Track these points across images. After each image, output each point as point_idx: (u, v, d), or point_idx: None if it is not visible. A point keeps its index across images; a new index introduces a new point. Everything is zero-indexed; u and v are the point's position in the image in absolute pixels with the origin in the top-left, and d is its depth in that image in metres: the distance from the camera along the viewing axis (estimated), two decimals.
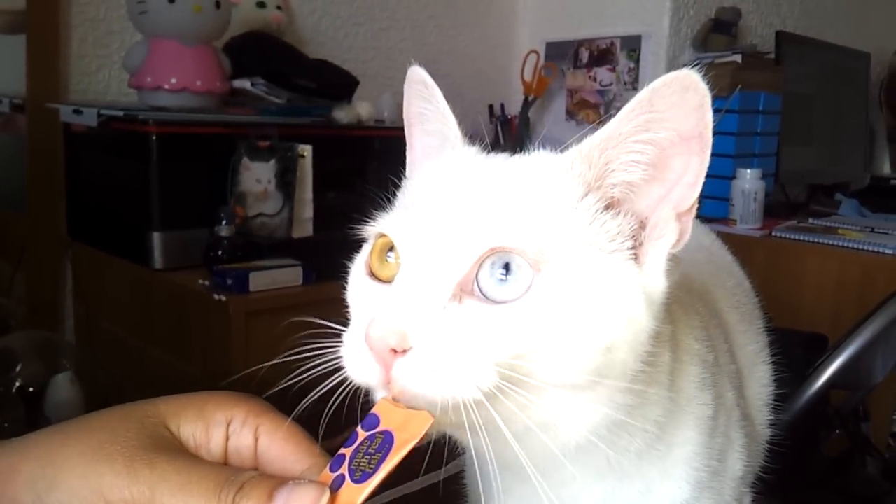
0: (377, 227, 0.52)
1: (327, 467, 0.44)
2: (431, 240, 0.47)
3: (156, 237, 1.55)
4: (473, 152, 0.56)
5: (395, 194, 0.58)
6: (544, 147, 0.54)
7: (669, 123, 0.47)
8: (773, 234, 2.19)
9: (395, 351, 0.44)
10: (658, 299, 0.50)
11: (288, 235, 1.60)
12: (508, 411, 0.44)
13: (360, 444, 0.44)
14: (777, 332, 0.82)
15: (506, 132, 2.72)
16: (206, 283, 1.47)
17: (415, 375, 0.44)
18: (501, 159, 0.54)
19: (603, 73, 2.66)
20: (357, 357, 0.46)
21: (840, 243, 2.06)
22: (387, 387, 0.45)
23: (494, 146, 1.99)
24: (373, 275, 0.52)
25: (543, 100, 2.79)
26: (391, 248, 0.50)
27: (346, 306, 0.54)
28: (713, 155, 1.87)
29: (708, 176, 1.89)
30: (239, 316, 1.41)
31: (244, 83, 1.79)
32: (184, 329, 1.53)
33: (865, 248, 2.01)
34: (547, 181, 0.50)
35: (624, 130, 0.48)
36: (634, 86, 2.58)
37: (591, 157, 0.49)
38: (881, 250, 1.98)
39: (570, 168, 0.50)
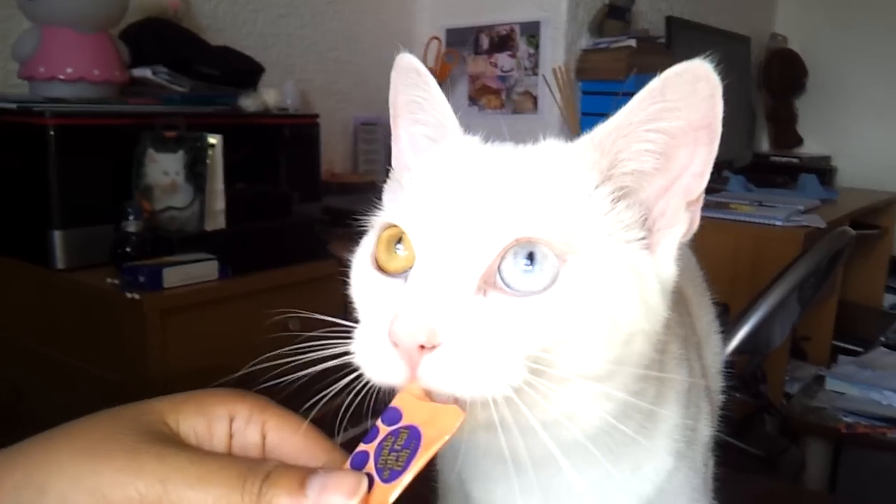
0: (385, 218, 0.50)
1: (347, 463, 0.42)
2: (451, 230, 0.45)
3: (56, 236, 1.46)
4: (476, 141, 0.54)
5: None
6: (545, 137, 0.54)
7: (681, 113, 0.47)
8: None
9: (422, 347, 0.42)
10: (669, 287, 0.51)
11: (200, 229, 1.54)
12: (536, 404, 0.43)
13: (384, 440, 0.41)
14: None
15: None
16: (116, 281, 1.40)
17: (444, 372, 0.42)
18: (510, 149, 0.53)
19: (504, 59, 2.70)
20: (377, 355, 0.44)
21: (733, 217, 2.18)
22: (411, 386, 0.43)
23: None
24: (380, 268, 0.50)
25: (446, 86, 2.79)
26: (399, 240, 0.48)
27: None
28: None
29: None
30: (154, 314, 1.36)
31: (144, 71, 1.71)
32: (94, 332, 1.45)
33: (756, 220, 2.14)
34: (561, 170, 0.49)
35: (636, 119, 0.48)
36: (535, 71, 2.63)
37: (603, 145, 0.49)
38: (771, 222, 2.10)
39: (582, 157, 0.49)
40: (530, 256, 0.45)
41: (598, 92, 2.58)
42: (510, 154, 0.52)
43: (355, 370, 0.46)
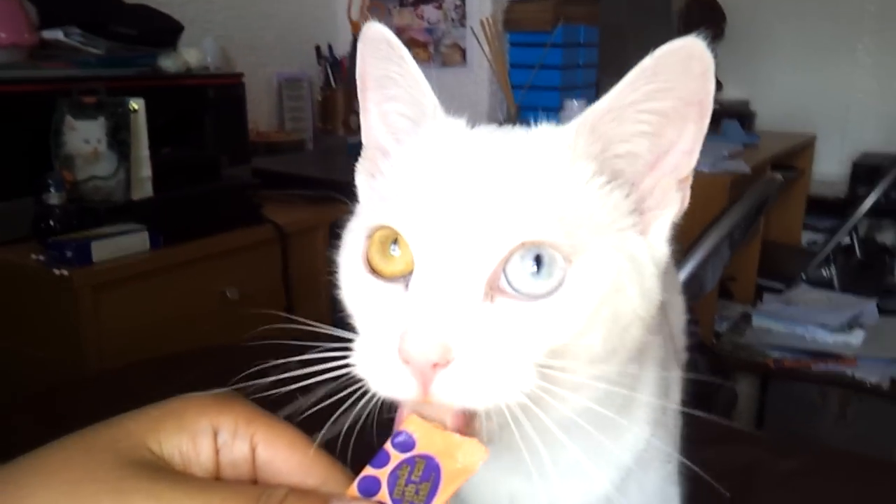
0: (378, 220, 0.47)
1: (354, 486, 0.39)
2: (452, 233, 0.43)
3: None
4: (461, 125, 0.51)
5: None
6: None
7: (673, 92, 0.45)
8: None
9: (435, 364, 0.40)
10: (662, 268, 0.50)
11: (127, 198, 1.48)
12: (547, 405, 0.42)
13: (398, 468, 0.39)
14: None
15: (336, 74, 2.65)
16: (41, 257, 1.34)
17: (458, 388, 0.40)
18: (500, 135, 0.50)
19: (430, 11, 2.65)
20: (385, 371, 0.42)
21: None
22: (423, 399, 0.41)
23: (325, 87, 1.94)
24: (374, 271, 0.47)
25: None
26: (394, 241, 0.46)
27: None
28: (542, 88, 1.93)
29: (536, 109, 1.96)
30: (85, 290, 1.31)
31: (56, 33, 1.61)
32: (20, 311, 1.39)
33: None
34: (556, 159, 0.47)
35: (627, 100, 0.46)
36: (462, 22, 2.59)
37: (594, 128, 0.47)
38: (699, 168, 2.14)
39: (574, 142, 0.47)
40: (537, 259, 0.43)
41: (526, 43, 2.56)
42: (503, 143, 0.49)
43: (355, 382, 0.43)
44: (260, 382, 0.48)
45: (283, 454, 0.41)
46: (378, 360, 0.42)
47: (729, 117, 2.98)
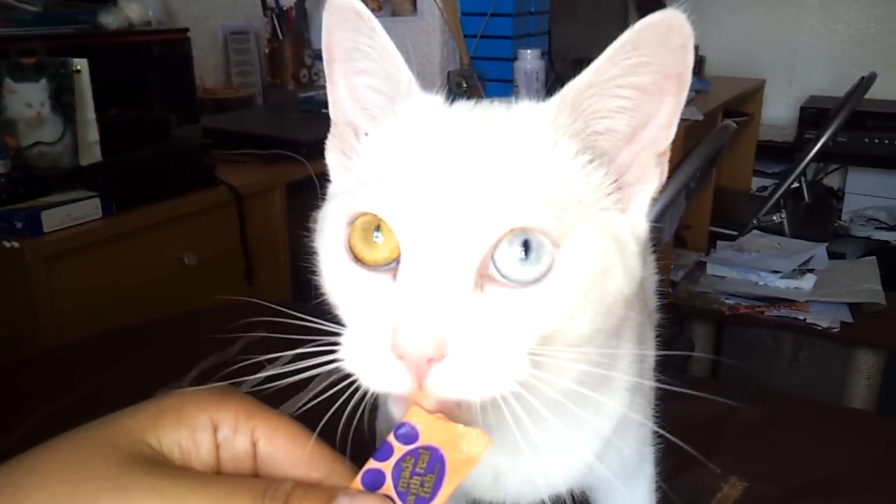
0: (360, 207, 0.45)
1: (357, 479, 0.39)
2: (440, 221, 0.42)
3: None
4: (439, 103, 0.50)
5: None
6: None
7: (652, 66, 0.45)
8: None
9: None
10: (643, 244, 0.50)
11: (75, 163, 1.42)
12: (538, 390, 0.42)
13: (402, 460, 0.39)
14: None
15: (283, 25, 2.57)
16: None
17: (453, 381, 0.40)
18: (480, 113, 0.49)
19: None
20: (378, 365, 0.41)
21: None
22: (417, 393, 0.41)
23: (273, 39, 1.87)
24: (357, 258, 0.46)
25: None
26: (377, 227, 0.45)
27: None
28: (494, 38, 1.90)
29: (490, 59, 1.94)
30: (37, 262, 1.26)
31: None
32: None
33: None
34: (539, 139, 0.46)
35: (608, 76, 0.45)
36: None
37: (575, 105, 0.47)
38: None
39: (556, 119, 0.47)
40: (525, 244, 0.43)
41: None
42: (484, 123, 0.48)
43: (347, 376, 0.43)
44: (254, 378, 0.46)
45: (284, 448, 0.41)
46: (369, 355, 0.42)
47: None
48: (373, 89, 0.51)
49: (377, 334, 0.41)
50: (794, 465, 0.89)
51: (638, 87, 0.46)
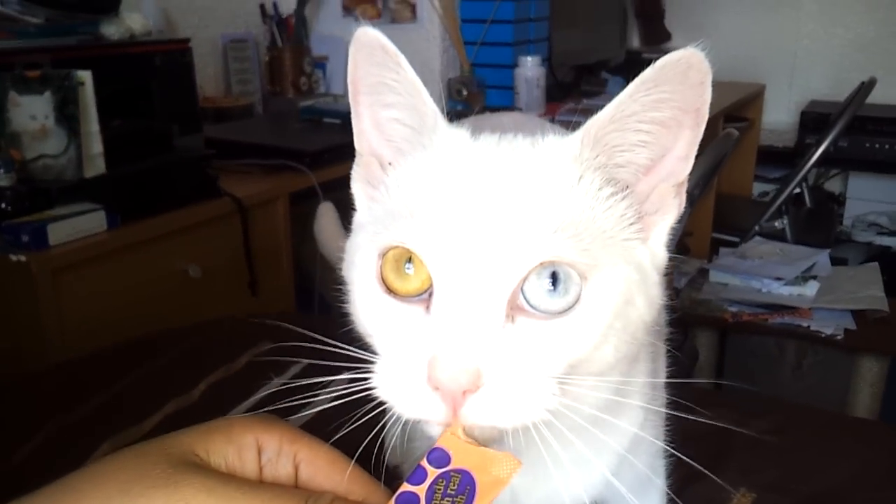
0: (392, 240, 0.47)
1: (392, 501, 0.41)
2: (472, 255, 0.44)
3: None
4: (465, 137, 0.52)
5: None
6: None
7: (672, 102, 0.47)
8: (556, 118, 2.31)
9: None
10: (663, 273, 0.51)
11: (79, 176, 1.42)
12: (566, 417, 0.44)
13: (434, 483, 0.41)
14: None
15: (282, 32, 2.58)
16: None
17: (488, 411, 0.42)
18: (507, 148, 0.51)
19: None
20: (413, 395, 0.43)
21: None
22: (452, 421, 0.42)
23: (272, 47, 1.88)
24: (389, 289, 0.47)
25: None
26: (408, 259, 0.46)
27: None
28: (494, 45, 1.92)
29: (490, 66, 1.96)
30: (44, 275, 1.27)
31: None
32: None
33: None
34: (565, 173, 0.48)
35: (629, 111, 0.47)
36: None
37: (598, 139, 0.48)
38: None
39: (579, 154, 0.49)
40: (553, 276, 0.44)
41: None
42: (511, 157, 0.50)
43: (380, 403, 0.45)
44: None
45: (325, 471, 0.43)
46: (405, 384, 0.43)
47: None
48: (399, 122, 0.53)
49: (412, 365, 0.43)
50: (802, 476, 0.90)
51: (658, 122, 0.48)
